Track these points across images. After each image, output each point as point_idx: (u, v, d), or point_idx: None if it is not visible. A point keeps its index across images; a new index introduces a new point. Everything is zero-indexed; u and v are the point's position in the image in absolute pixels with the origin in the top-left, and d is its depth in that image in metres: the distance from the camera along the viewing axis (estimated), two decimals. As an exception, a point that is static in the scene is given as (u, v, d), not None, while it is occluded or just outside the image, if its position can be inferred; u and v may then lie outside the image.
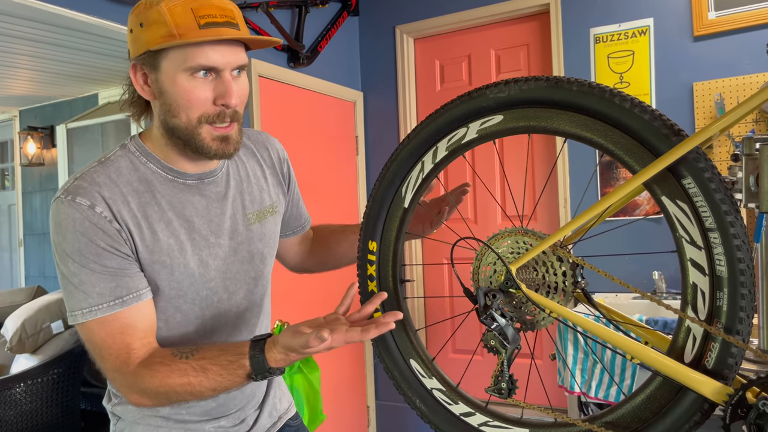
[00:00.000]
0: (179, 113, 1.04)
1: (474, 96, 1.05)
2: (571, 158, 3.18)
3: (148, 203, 1.08)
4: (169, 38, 0.99)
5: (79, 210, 1.01)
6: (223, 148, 1.07)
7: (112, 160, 1.09)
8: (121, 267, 1.03)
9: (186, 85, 1.02)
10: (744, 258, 0.84)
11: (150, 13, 1.00)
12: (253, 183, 1.25)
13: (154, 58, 1.02)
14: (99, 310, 1.01)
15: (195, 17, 0.99)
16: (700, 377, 0.85)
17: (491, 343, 1.00)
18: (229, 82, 1.04)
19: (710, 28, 2.86)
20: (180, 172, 1.13)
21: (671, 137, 0.87)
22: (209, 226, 1.15)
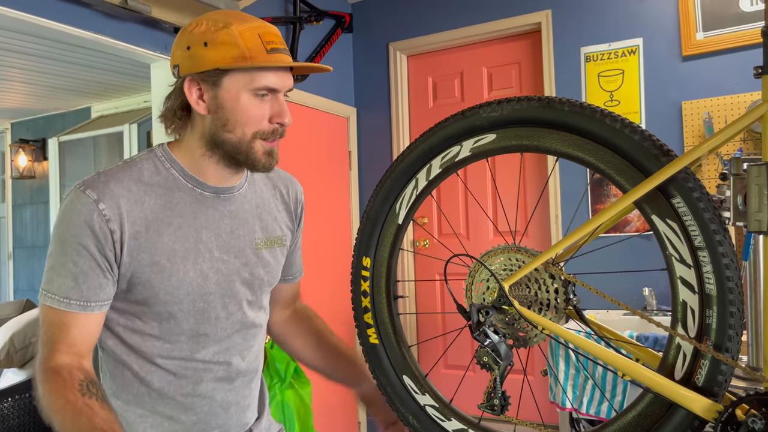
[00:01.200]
0: (235, 128, 1.10)
1: (467, 115, 1.06)
2: (562, 176, 3.21)
3: (162, 206, 1.11)
4: (241, 60, 1.05)
5: (82, 202, 1.05)
6: (269, 161, 1.14)
7: (137, 161, 1.14)
8: (89, 271, 1.06)
9: (247, 103, 1.09)
10: (732, 276, 0.85)
11: (219, 34, 1.06)
12: (267, 211, 1.28)
13: (219, 76, 1.08)
14: (50, 298, 1.06)
15: (262, 42, 1.07)
16: (691, 394, 0.86)
17: (484, 359, 1.00)
18: (284, 103, 1.12)
19: (698, 49, 2.91)
20: (199, 182, 1.16)
21: (661, 157, 0.89)
22: (216, 241, 1.16)
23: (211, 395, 1.19)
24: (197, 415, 1.18)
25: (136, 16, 2.42)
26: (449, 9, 3.57)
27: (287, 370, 2.91)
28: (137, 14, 2.39)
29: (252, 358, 1.27)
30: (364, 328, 1.21)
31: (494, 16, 3.43)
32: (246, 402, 1.27)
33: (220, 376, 1.20)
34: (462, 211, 3.63)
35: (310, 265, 3.37)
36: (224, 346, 1.20)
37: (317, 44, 3.54)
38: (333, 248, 3.51)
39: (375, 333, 1.20)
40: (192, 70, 1.09)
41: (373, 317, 1.20)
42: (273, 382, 2.89)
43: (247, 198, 1.24)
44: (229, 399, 1.22)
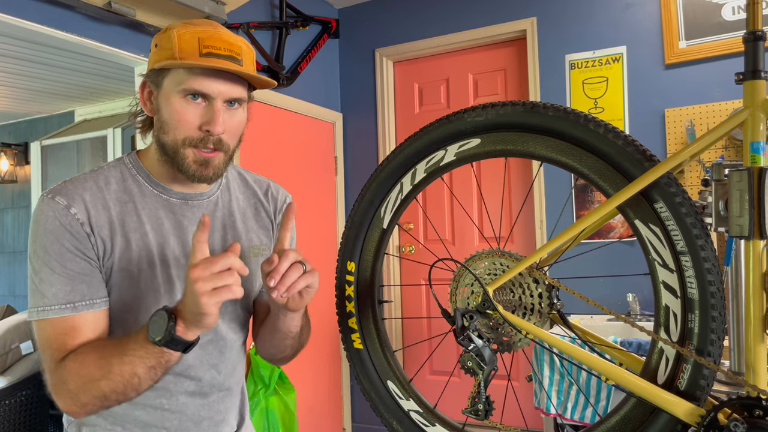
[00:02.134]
0: (168, 131, 1.08)
1: (452, 119, 1.06)
2: (547, 181, 3.23)
3: (128, 213, 1.10)
4: (171, 60, 1.04)
5: (54, 208, 1.04)
6: (201, 171, 1.09)
7: (104, 169, 1.14)
8: (82, 271, 1.04)
9: (177, 106, 1.07)
10: (714, 281, 0.86)
11: (163, 36, 1.07)
12: (241, 221, 1.24)
13: (158, 77, 1.08)
14: (50, 311, 1.03)
15: (199, 46, 1.04)
16: (673, 398, 0.87)
17: (468, 364, 1.00)
18: (218, 110, 1.07)
19: (681, 57, 2.94)
20: (166, 189, 1.15)
21: (644, 162, 0.90)
22: (183, 248, 1.14)
23: (181, 410, 1.15)
24: (166, 429, 1.15)
25: (120, 18, 2.40)
26: (435, 15, 3.58)
27: (271, 377, 2.89)
28: (121, 17, 2.37)
29: (228, 371, 1.23)
30: (349, 333, 1.20)
31: (480, 23, 3.45)
32: (221, 416, 1.22)
33: (192, 390, 1.16)
34: (448, 216, 3.63)
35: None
36: (196, 359, 1.16)
37: (303, 50, 3.54)
38: (319, 253, 3.50)
39: (359, 338, 1.19)
40: (146, 71, 1.11)
41: (357, 322, 1.19)
42: (257, 388, 2.87)
43: (219, 206, 1.21)
44: (202, 414, 1.18)
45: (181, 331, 0.94)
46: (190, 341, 0.96)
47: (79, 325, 1.04)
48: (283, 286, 0.99)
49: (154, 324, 0.94)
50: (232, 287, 0.91)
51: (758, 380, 0.86)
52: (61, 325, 1.03)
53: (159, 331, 0.94)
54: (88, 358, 0.99)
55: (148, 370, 0.97)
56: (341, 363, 3.75)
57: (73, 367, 0.99)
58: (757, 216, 0.85)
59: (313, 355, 3.46)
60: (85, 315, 1.04)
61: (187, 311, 0.93)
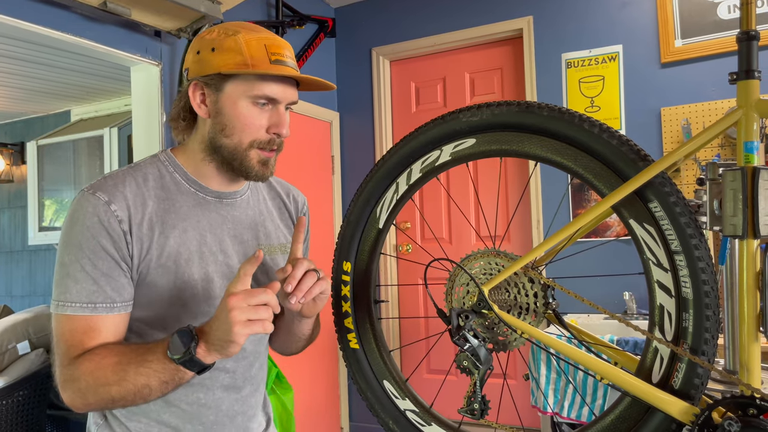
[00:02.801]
0: (232, 134, 1.11)
1: (447, 119, 1.06)
2: (543, 180, 3.23)
3: (166, 209, 1.12)
4: (243, 66, 1.07)
5: (94, 204, 1.05)
6: (263, 171, 1.14)
7: (141, 166, 1.16)
8: (110, 273, 1.05)
9: (245, 110, 1.10)
10: (708, 280, 0.86)
11: (227, 41, 1.09)
12: (270, 219, 1.29)
13: (221, 81, 1.10)
14: (70, 307, 1.04)
15: (267, 53, 1.08)
16: (668, 397, 0.87)
17: (464, 363, 1.00)
18: (284, 114, 1.13)
19: (677, 56, 2.95)
20: (202, 186, 1.18)
21: (638, 162, 0.90)
22: (220, 245, 1.17)
23: (217, 405, 1.17)
24: (203, 425, 1.16)
25: (115, 18, 2.39)
26: (432, 15, 3.58)
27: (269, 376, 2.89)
28: (117, 17, 2.36)
29: (259, 365, 1.27)
30: (345, 332, 1.20)
31: (477, 22, 3.45)
32: (252, 411, 1.25)
33: (227, 384, 1.18)
34: (445, 216, 3.64)
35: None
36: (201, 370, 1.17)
37: (300, 49, 3.54)
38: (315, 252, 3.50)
39: (355, 338, 1.19)
40: (198, 73, 1.11)
41: (353, 322, 1.19)
42: (254, 388, 2.86)
43: (250, 204, 1.25)
44: (236, 408, 1.21)
45: (202, 354, 0.96)
46: (207, 365, 0.98)
47: (98, 326, 1.05)
48: (300, 292, 1.03)
49: (176, 342, 0.96)
50: (265, 323, 0.95)
51: (752, 379, 0.86)
52: (80, 323, 1.04)
53: (179, 350, 0.95)
54: (105, 362, 1.00)
55: (161, 384, 0.99)
56: (339, 362, 3.75)
57: (89, 367, 1.00)
58: (751, 215, 0.85)
59: (311, 355, 3.46)
60: (105, 317, 1.05)
61: (214, 336, 0.95)
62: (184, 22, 2.52)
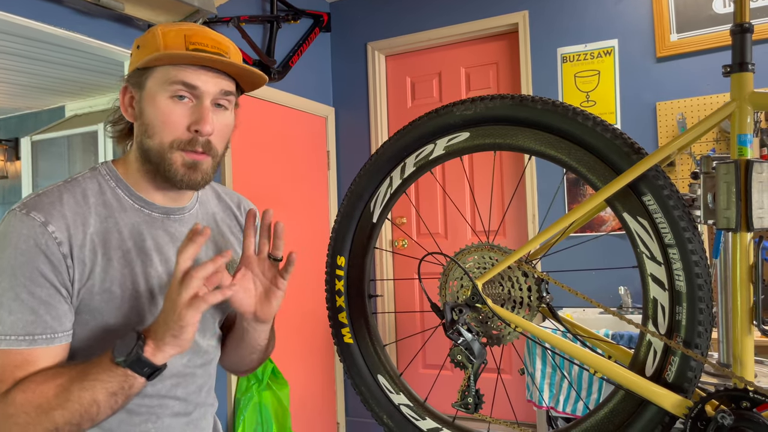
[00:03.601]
0: (154, 134, 1.02)
1: (441, 113, 1.06)
2: (538, 174, 3.23)
3: (108, 229, 1.03)
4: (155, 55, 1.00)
5: (29, 226, 0.95)
6: (190, 176, 1.04)
7: (80, 181, 1.05)
8: (49, 300, 0.95)
9: (163, 106, 1.01)
10: (701, 273, 0.86)
11: (147, 36, 1.03)
12: (220, 234, 1.20)
13: (141, 77, 1.03)
14: (4, 341, 0.93)
15: (185, 42, 1.01)
16: (661, 390, 0.87)
17: (458, 358, 1.00)
18: (207, 109, 1.02)
19: (672, 50, 2.94)
20: (148, 202, 1.08)
21: (632, 155, 0.90)
22: (167, 265, 1.08)
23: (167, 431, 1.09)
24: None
25: (109, 13, 2.38)
26: (427, 9, 3.57)
27: (264, 372, 2.89)
28: (110, 11, 2.35)
29: (207, 389, 1.19)
30: (339, 327, 1.20)
31: (472, 16, 3.45)
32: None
33: (177, 410, 1.11)
34: (440, 210, 3.63)
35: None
36: (181, 377, 1.11)
37: (295, 43, 3.52)
38: (311, 248, 3.50)
39: (349, 332, 1.19)
40: (127, 74, 1.07)
41: (347, 316, 1.19)
42: (250, 383, 2.87)
43: (199, 219, 1.17)
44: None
45: (150, 352, 0.89)
46: (157, 365, 0.91)
47: (35, 359, 0.94)
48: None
49: (121, 344, 0.90)
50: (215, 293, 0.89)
51: (745, 372, 0.86)
52: (14, 357, 0.93)
53: (124, 351, 0.89)
54: (42, 387, 0.91)
55: (108, 396, 0.90)
56: (334, 357, 3.75)
57: (24, 398, 0.90)
58: (744, 208, 0.85)
59: (306, 350, 3.46)
60: (44, 350, 0.95)
61: (162, 330, 0.89)
62: (177, 16, 2.51)
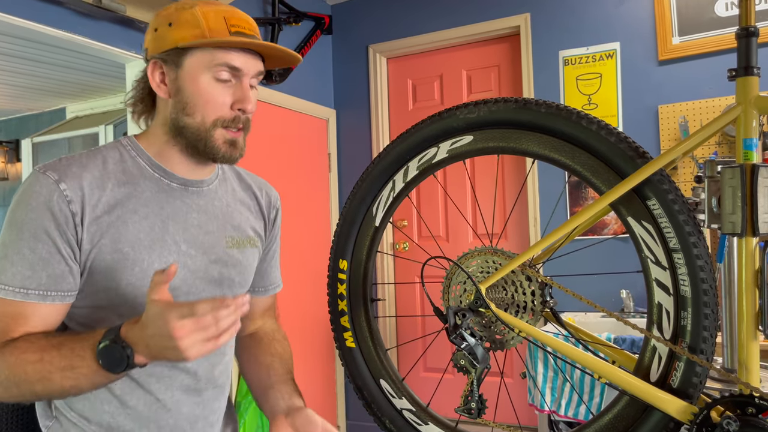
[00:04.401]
0: (195, 113, 1.05)
1: (444, 116, 1.06)
2: (540, 178, 3.23)
3: (127, 194, 1.05)
4: (201, 38, 1.02)
5: (43, 184, 0.98)
6: (231, 152, 1.08)
7: (102, 150, 1.09)
8: (48, 258, 0.98)
9: (206, 86, 1.04)
10: (707, 278, 0.85)
11: (183, 14, 1.04)
12: (239, 211, 1.22)
13: (179, 56, 1.04)
14: (2, 290, 0.98)
15: (227, 24, 1.03)
16: (666, 396, 0.86)
17: (461, 362, 1.00)
18: (248, 88, 1.07)
19: (674, 53, 2.94)
20: (168, 172, 1.10)
21: (636, 159, 0.89)
22: (183, 234, 1.10)
23: (177, 407, 1.10)
24: (160, 429, 1.09)
25: (110, 15, 2.38)
26: (429, 12, 3.57)
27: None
28: (112, 13, 2.35)
29: (223, 367, 1.19)
30: (341, 331, 1.19)
31: (474, 19, 3.44)
32: (215, 417, 1.18)
33: (187, 385, 1.11)
34: (442, 213, 3.63)
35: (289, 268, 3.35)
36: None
37: (296, 46, 3.52)
38: (312, 251, 3.49)
39: (352, 336, 1.19)
40: (156, 51, 1.05)
41: (349, 320, 1.19)
42: (251, 386, 2.86)
43: (218, 194, 1.18)
44: (197, 413, 1.14)
45: (141, 361, 0.92)
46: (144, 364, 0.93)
47: (28, 313, 0.98)
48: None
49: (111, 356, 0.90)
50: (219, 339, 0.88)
51: (751, 377, 0.86)
52: (9, 308, 0.98)
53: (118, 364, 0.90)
54: (24, 358, 0.94)
55: (91, 385, 0.95)
56: (335, 361, 3.74)
57: (9, 360, 0.95)
58: (750, 213, 0.85)
59: (307, 353, 3.45)
60: (35, 305, 0.99)
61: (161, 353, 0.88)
62: (179, 18, 2.51)
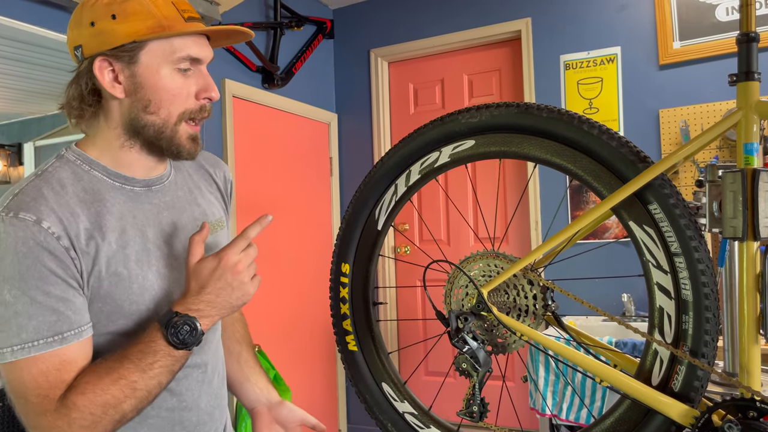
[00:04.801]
0: (159, 109, 1.00)
1: (446, 121, 1.06)
2: (541, 182, 3.23)
3: (99, 213, 0.99)
4: (159, 29, 0.96)
5: (22, 227, 0.90)
6: (194, 148, 1.05)
7: (51, 171, 1.00)
8: (65, 296, 0.92)
9: (170, 80, 0.99)
10: (708, 282, 0.86)
11: (129, 4, 0.96)
12: (201, 196, 1.19)
13: (134, 51, 0.97)
14: (34, 347, 0.89)
15: (178, 10, 0.98)
16: (667, 400, 0.87)
17: (463, 366, 1.00)
18: (208, 75, 1.03)
19: (675, 57, 2.95)
20: (128, 178, 1.05)
21: (638, 164, 0.90)
22: (162, 236, 1.06)
23: (197, 404, 1.10)
24: (185, 429, 1.09)
25: (113, 19, 2.39)
26: (430, 16, 3.58)
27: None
28: (115, 18, 2.36)
29: (218, 349, 1.20)
30: (343, 335, 1.20)
31: (475, 23, 3.45)
32: (223, 402, 1.20)
33: (199, 378, 1.11)
34: (443, 217, 3.63)
35: (290, 272, 3.36)
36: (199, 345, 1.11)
37: (298, 50, 3.53)
38: (313, 254, 3.50)
39: (354, 340, 1.19)
40: (101, 47, 0.96)
41: (352, 324, 1.19)
42: (252, 389, 2.85)
43: (178, 185, 1.14)
44: (213, 403, 1.15)
45: (206, 326, 0.97)
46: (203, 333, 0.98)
47: (72, 357, 0.92)
48: None
49: (181, 331, 0.94)
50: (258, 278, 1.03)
51: (752, 381, 0.86)
52: (51, 361, 0.90)
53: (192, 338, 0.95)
54: (102, 384, 0.90)
55: (171, 375, 0.97)
56: (336, 364, 3.74)
57: (86, 399, 0.89)
58: (751, 217, 0.85)
59: (308, 356, 3.45)
60: (76, 345, 0.93)
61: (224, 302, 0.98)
62: (182, 23, 2.51)
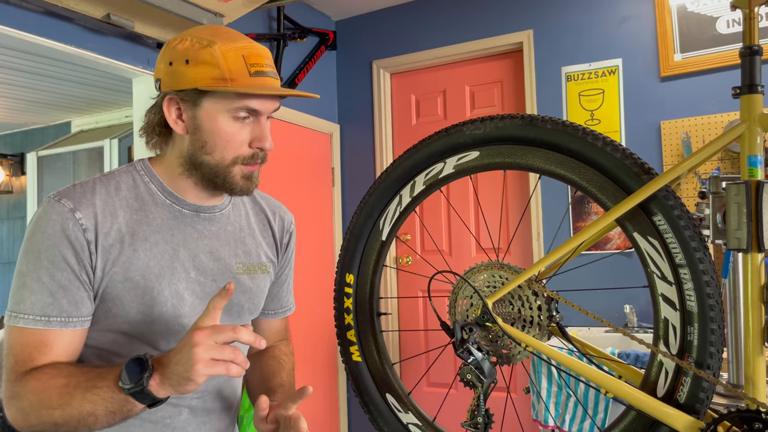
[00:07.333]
0: (213, 151, 1.06)
1: (451, 132, 1.07)
2: (544, 193, 3.24)
3: (138, 221, 1.06)
4: (222, 82, 1.01)
5: (58, 212, 1.00)
6: (247, 185, 1.10)
7: (115, 175, 1.10)
8: (67, 285, 0.99)
9: (226, 126, 1.05)
10: (713, 293, 0.86)
11: (201, 53, 1.02)
12: (251, 236, 1.22)
13: (198, 97, 1.04)
14: (23, 319, 0.98)
15: (246, 64, 1.03)
16: (673, 411, 0.87)
17: (468, 377, 1.00)
18: (266, 126, 1.08)
19: (676, 69, 2.96)
20: (179, 199, 1.12)
21: (642, 175, 0.90)
22: (193, 261, 1.11)
23: (183, 426, 1.10)
24: None
25: (118, 31, 2.41)
26: (432, 28, 3.60)
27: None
28: (120, 29, 2.38)
29: (230, 391, 1.20)
30: (347, 345, 1.20)
31: (477, 35, 3.47)
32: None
33: (195, 405, 1.12)
34: (445, 227, 3.64)
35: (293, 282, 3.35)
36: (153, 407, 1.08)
37: (301, 61, 3.55)
38: (316, 265, 3.50)
39: (358, 350, 1.19)
40: (172, 87, 1.05)
41: (356, 334, 1.19)
42: (254, 400, 2.85)
43: (230, 220, 1.19)
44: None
45: (155, 387, 0.90)
46: (160, 399, 0.91)
47: (51, 341, 0.99)
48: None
49: (129, 370, 0.90)
50: (229, 365, 0.89)
51: (757, 393, 0.86)
52: (32, 337, 0.99)
53: (131, 380, 0.89)
54: (51, 383, 0.95)
55: (107, 413, 0.93)
56: (338, 374, 3.73)
57: (35, 386, 0.95)
58: (755, 229, 0.85)
59: (310, 367, 3.45)
60: (58, 332, 0.99)
61: (172, 371, 0.89)
62: (186, 34, 2.53)
